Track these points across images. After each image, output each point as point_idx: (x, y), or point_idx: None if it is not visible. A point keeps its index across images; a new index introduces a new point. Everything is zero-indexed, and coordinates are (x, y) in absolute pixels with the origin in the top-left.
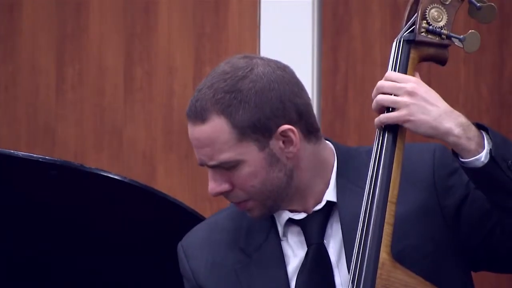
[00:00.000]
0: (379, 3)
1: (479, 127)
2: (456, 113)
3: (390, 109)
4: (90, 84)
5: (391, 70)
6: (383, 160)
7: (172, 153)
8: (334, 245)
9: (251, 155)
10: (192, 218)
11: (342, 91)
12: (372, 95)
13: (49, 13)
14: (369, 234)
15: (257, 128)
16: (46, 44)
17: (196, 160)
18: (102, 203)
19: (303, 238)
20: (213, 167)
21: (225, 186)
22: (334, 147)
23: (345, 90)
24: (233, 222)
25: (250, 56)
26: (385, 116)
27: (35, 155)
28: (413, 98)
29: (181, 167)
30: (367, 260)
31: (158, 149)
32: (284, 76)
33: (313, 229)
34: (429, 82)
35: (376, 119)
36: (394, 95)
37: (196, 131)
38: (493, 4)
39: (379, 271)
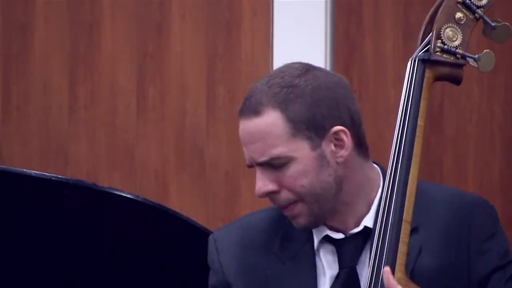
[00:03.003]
0: (392, 23)
1: None
2: None
3: None
4: (102, 103)
5: (406, 89)
6: (398, 179)
7: (185, 172)
8: (365, 271)
9: (302, 153)
10: (204, 237)
11: None
12: None
13: (62, 32)
14: (383, 252)
15: (311, 125)
16: (59, 64)
17: (208, 179)
18: (114, 222)
19: (336, 258)
20: (262, 164)
21: (272, 186)
22: (381, 172)
23: None
24: (269, 225)
25: (306, 63)
26: None
27: (47, 174)
28: None
29: (194, 186)
30: (381, 278)
31: (170, 168)
32: (339, 82)
33: (348, 252)
34: (442, 102)
35: None
36: None
37: (250, 125)
38: (508, 24)
39: None
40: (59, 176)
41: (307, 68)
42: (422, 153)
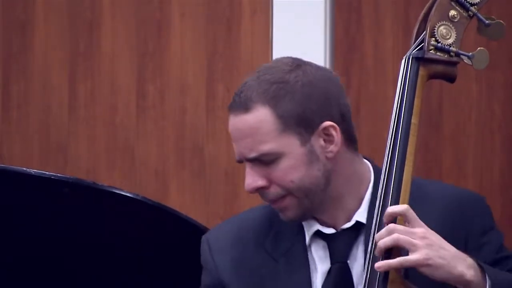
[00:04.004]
0: (391, 20)
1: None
2: (463, 255)
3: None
4: (102, 101)
5: (400, 87)
6: (393, 177)
7: (184, 170)
8: (357, 266)
9: (292, 149)
10: None
11: (354, 108)
12: (378, 236)
13: (62, 31)
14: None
15: (301, 121)
16: (59, 62)
17: (208, 178)
18: (114, 221)
19: (327, 253)
20: (252, 160)
21: (262, 182)
22: (373, 167)
23: (357, 107)
24: (261, 223)
25: (297, 58)
26: (404, 259)
27: (47, 173)
28: (428, 242)
29: (193, 184)
30: (378, 274)
31: (170, 166)
32: (330, 77)
33: (339, 247)
34: (441, 101)
35: (394, 262)
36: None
37: (239, 121)
38: (501, 21)
39: (388, 286)
40: (59, 174)
41: (297, 64)
42: (422, 152)
